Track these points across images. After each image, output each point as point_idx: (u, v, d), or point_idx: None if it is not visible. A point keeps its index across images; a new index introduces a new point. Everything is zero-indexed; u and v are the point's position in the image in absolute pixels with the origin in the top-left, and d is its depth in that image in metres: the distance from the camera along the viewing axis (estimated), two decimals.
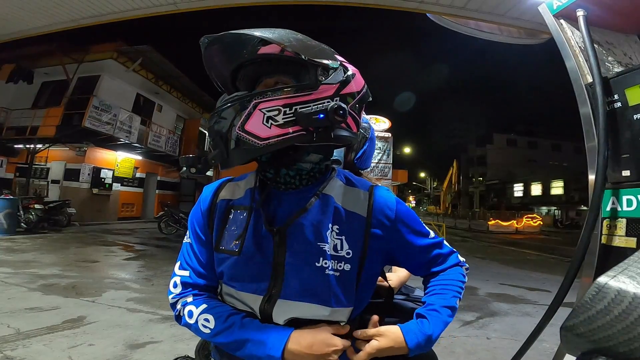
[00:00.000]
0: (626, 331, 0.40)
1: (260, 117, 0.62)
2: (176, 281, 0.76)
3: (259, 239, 0.69)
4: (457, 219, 28.19)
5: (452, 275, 0.79)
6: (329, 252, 0.67)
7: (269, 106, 0.63)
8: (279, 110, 0.63)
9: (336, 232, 0.69)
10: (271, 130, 0.62)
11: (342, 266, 0.67)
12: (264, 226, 0.69)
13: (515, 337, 3.24)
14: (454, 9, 3.91)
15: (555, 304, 1.52)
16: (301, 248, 0.67)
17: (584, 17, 1.48)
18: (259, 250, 0.69)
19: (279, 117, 0.63)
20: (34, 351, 2.45)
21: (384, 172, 11.15)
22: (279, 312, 0.66)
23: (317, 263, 0.66)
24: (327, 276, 0.66)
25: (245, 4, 4.93)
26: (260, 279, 0.68)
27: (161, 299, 3.98)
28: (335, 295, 0.67)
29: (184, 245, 0.78)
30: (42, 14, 5.46)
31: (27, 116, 11.95)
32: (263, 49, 0.68)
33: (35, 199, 9.75)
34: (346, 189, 0.74)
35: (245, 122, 0.62)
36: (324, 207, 0.70)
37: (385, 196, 0.74)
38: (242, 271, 0.69)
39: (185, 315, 0.71)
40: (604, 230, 1.45)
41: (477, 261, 8.69)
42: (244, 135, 0.62)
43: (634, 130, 1.36)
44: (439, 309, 0.73)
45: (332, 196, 0.71)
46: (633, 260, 0.45)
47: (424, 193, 60.10)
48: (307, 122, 0.63)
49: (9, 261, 5.39)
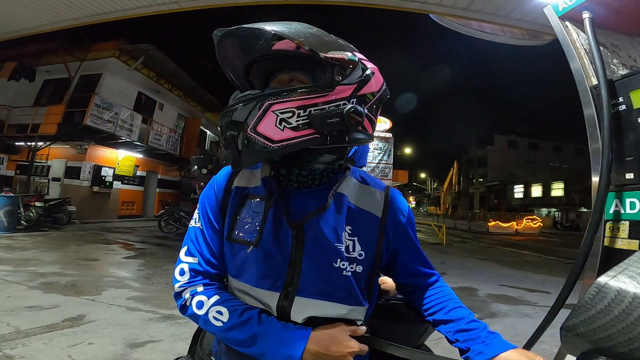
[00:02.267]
0: (626, 331, 0.40)
1: (274, 119, 0.60)
2: (183, 268, 0.70)
3: (278, 231, 0.67)
4: (457, 220, 28.20)
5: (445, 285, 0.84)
6: (345, 254, 0.67)
7: (282, 108, 0.60)
8: (292, 112, 0.60)
9: (349, 233, 0.68)
10: (284, 132, 0.60)
11: (354, 267, 0.67)
12: (284, 219, 0.67)
13: (515, 339, 3.23)
14: (457, 9, 3.90)
15: (557, 306, 1.51)
16: (318, 246, 0.66)
17: (589, 19, 1.48)
18: (277, 244, 0.66)
19: (292, 120, 0.60)
20: (34, 350, 2.44)
21: (384, 172, 11.15)
22: (297, 310, 0.65)
23: (335, 264, 0.66)
24: (345, 277, 0.66)
25: (247, 3, 4.93)
26: (276, 275, 0.65)
27: (161, 298, 3.98)
28: (351, 294, 0.67)
29: (192, 230, 0.73)
30: (45, 12, 5.46)
31: (29, 114, 11.95)
32: (278, 44, 0.65)
33: (36, 197, 9.74)
34: (361, 187, 0.73)
35: (258, 123, 0.60)
36: (339, 207, 0.69)
37: (400, 198, 0.77)
38: (258, 265, 0.66)
39: (193, 305, 0.66)
40: (607, 233, 1.45)
41: (476, 262, 8.69)
42: (255, 137, 0.60)
43: (638, 133, 1.35)
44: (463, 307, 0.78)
45: (346, 195, 0.70)
46: (633, 260, 0.45)
47: (424, 194, 60.11)
48: (321, 125, 0.61)
49: (9, 259, 5.39)
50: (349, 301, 0.67)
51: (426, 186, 57.07)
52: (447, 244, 12.41)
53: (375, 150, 11.01)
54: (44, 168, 12.70)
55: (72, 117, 11.76)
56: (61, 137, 11.68)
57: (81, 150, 12.66)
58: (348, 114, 0.61)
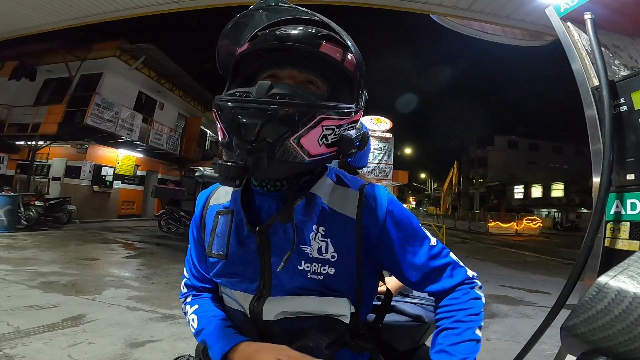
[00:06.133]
0: (626, 331, 0.40)
1: (319, 133, 0.58)
2: (182, 283, 0.84)
3: (243, 240, 0.67)
4: (457, 221, 28.22)
5: (461, 297, 0.67)
6: (311, 255, 0.63)
7: (330, 124, 0.59)
8: (332, 130, 0.60)
9: (322, 234, 0.64)
10: (320, 148, 0.59)
11: (325, 269, 0.63)
12: (245, 228, 0.67)
13: (514, 339, 3.23)
14: (458, 10, 3.91)
15: (558, 306, 1.51)
16: (283, 249, 0.64)
17: (591, 20, 1.48)
18: (244, 252, 0.67)
19: (330, 137, 0.60)
20: (34, 349, 2.44)
21: (384, 172, 11.16)
22: (268, 310, 0.65)
23: (299, 266, 0.63)
24: (309, 279, 0.64)
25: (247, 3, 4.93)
26: (250, 279, 0.67)
27: (161, 298, 3.98)
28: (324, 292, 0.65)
29: (188, 249, 0.83)
30: (45, 12, 5.47)
31: (29, 113, 11.96)
32: (325, 46, 0.61)
33: (36, 196, 9.75)
34: (336, 188, 0.68)
35: (304, 134, 0.56)
36: (309, 208, 0.65)
37: (376, 194, 0.67)
38: (232, 273, 0.69)
39: (186, 313, 0.77)
40: (608, 234, 1.45)
41: (476, 263, 8.69)
42: (296, 148, 0.57)
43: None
44: (447, 349, 0.62)
45: (320, 196, 0.66)
46: (633, 260, 0.45)
47: (424, 194, 60.08)
48: (347, 147, 0.62)
49: (9, 258, 5.39)
50: (325, 294, 0.65)
51: (426, 186, 57.04)
52: (447, 244, 12.37)
53: (375, 150, 11.01)
54: (44, 167, 12.71)
55: (72, 116, 11.75)
56: (61, 137, 11.68)
57: (81, 149, 12.67)
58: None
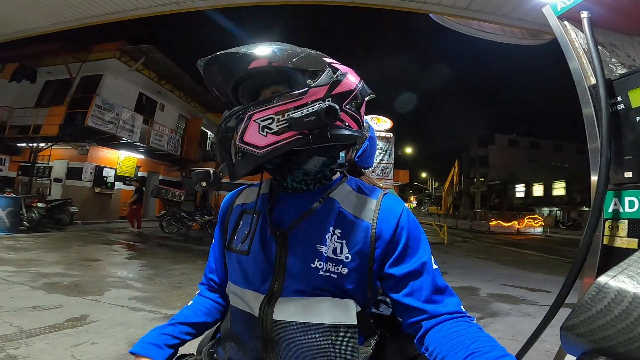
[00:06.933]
0: (626, 331, 0.40)
1: (256, 128, 0.66)
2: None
3: (264, 241, 0.73)
4: (458, 220, 28.17)
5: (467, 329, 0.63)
6: (326, 255, 0.68)
7: (262, 116, 0.66)
8: (272, 119, 0.66)
9: (337, 236, 0.70)
10: (267, 138, 0.66)
11: (339, 269, 0.68)
12: (269, 229, 0.73)
13: (516, 338, 3.23)
14: (457, 9, 3.91)
15: (557, 305, 1.52)
16: (301, 250, 0.70)
17: (587, 18, 1.48)
18: (264, 252, 0.72)
19: (273, 125, 0.66)
20: (37, 350, 2.46)
21: (385, 172, 11.14)
22: (278, 310, 0.68)
23: (312, 264, 0.68)
24: (321, 277, 0.68)
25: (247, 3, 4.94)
26: (264, 279, 0.71)
27: (163, 298, 4.00)
28: (333, 292, 0.68)
29: (211, 245, 0.91)
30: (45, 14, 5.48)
31: (30, 115, 11.98)
32: (253, 63, 0.71)
33: (38, 198, 9.78)
34: (355, 195, 0.76)
35: (244, 133, 0.66)
36: (327, 211, 0.72)
37: (393, 204, 0.73)
38: (249, 270, 0.74)
39: None
40: (606, 232, 1.46)
41: (478, 261, 8.68)
42: (244, 147, 0.66)
43: (637, 132, 1.36)
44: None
45: (338, 200, 0.74)
46: (633, 260, 0.45)
47: (425, 193, 60.05)
48: (300, 125, 0.66)
49: (12, 260, 5.42)
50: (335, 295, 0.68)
51: (427, 186, 57.00)
52: (448, 244, 12.41)
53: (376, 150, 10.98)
54: (45, 169, 12.72)
55: (73, 118, 11.76)
56: (63, 138, 11.70)
57: (83, 151, 12.68)
58: (322, 111, 0.66)
